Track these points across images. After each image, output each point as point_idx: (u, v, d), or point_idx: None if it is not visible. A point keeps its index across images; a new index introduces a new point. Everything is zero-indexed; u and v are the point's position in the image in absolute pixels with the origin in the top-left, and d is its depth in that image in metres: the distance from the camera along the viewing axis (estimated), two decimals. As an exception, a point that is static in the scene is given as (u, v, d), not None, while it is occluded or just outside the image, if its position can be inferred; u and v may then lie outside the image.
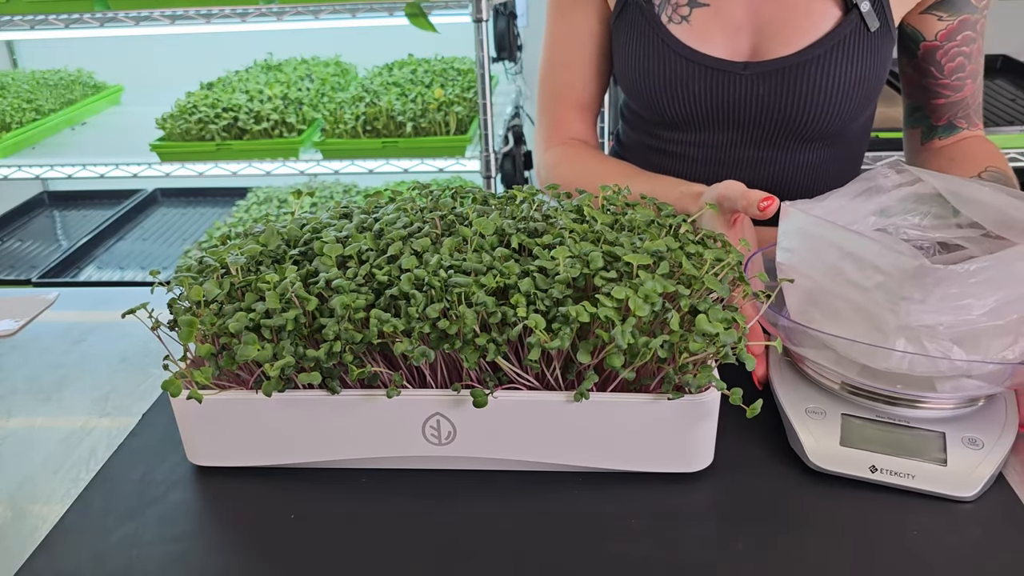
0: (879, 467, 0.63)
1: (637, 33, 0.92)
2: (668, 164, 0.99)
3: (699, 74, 0.90)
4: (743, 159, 0.96)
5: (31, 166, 1.93)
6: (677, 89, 0.91)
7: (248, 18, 1.75)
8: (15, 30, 1.82)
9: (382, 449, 0.65)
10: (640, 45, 0.92)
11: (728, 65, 0.89)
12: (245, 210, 2.26)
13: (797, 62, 0.87)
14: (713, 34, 0.90)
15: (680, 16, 0.90)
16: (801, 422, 0.67)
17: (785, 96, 0.89)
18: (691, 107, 0.92)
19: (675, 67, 0.90)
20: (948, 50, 0.90)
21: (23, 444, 0.75)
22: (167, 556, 0.60)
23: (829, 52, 0.86)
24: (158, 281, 0.69)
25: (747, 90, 0.90)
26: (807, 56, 0.87)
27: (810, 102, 0.89)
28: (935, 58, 0.92)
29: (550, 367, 0.62)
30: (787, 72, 0.88)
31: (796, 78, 0.88)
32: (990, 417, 0.66)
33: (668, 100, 0.92)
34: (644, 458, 0.64)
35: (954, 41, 0.90)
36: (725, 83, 0.90)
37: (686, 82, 0.90)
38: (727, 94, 0.90)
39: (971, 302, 0.61)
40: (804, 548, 0.59)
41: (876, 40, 0.87)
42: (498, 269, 0.62)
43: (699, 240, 0.69)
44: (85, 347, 0.91)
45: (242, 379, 0.65)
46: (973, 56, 0.92)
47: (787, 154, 0.95)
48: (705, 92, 0.91)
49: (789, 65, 0.87)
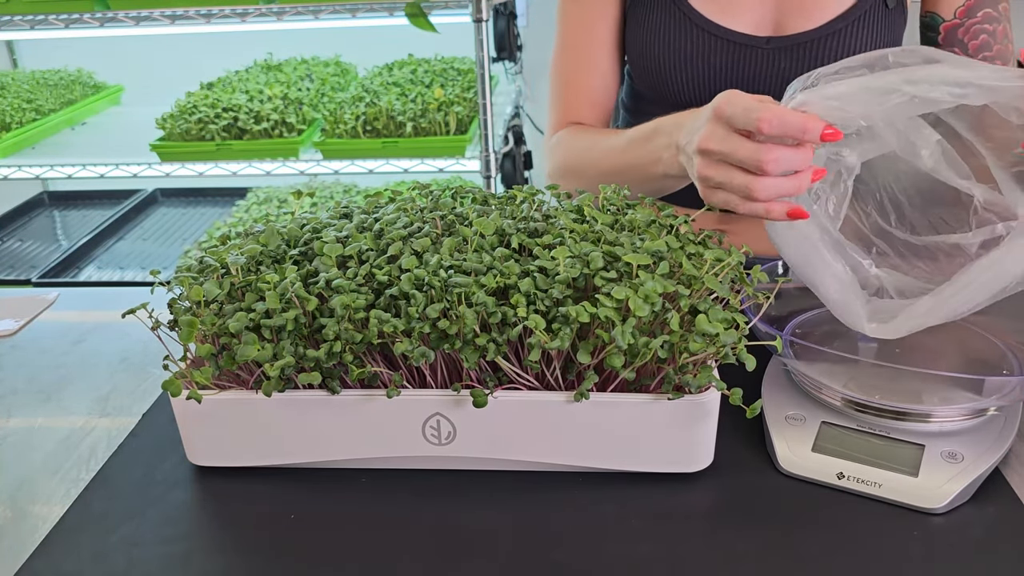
0: (846, 474, 0.63)
1: (657, 7, 0.91)
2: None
3: (722, 48, 0.89)
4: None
5: (31, 166, 1.93)
6: (697, 64, 0.90)
7: (248, 18, 1.74)
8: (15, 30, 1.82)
9: (382, 449, 0.65)
10: (661, 20, 0.90)
11: (751, 40, 0.89)
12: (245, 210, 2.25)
13: (819, 36, 0.87)
14: (735, 7, 0.89)
15: None
16: (778, 427, 0.68)
17: (805, 70, 0.88)
18: (710, 83, 0.91)
19: (698, 41, 0.89)
20: (969, 27, 0.89)
21: (23, 444, 0.75)
22: (167, 556, 0.60)
23: (850, 27, 0.87)
24: (158, 281, 0.69)
25: (769, 65, 0.89)
26: (829, 30, 0.87)
27: None
28: (957, 37, 0.90)
29: (550, 367, 0.62)
30: (809, 46, 0.87)
31: (817, 52, 0.87)
32: (982, 433, 0.66)
33: (686, 77, 0.91)
34: (644, 458, 0.64)
35: (975, 18, 0.89)
36: (748, 58, 0.89)
37: (706, 56, 0.89)
38: (749, 69, 0.90)
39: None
40: (805, 549, 0.59)
41: (893, 17, 0.88)
42: (498, 269, 0.62)
43: (699, 240, 0.69)
44: (85, 347, 0.91)
45: (242, 379, 0.65)
46: (998, 36, 0.89)
47: None
48: (727, 67, 0.90)
49: (811, 39, 0.87)
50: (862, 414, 0.67)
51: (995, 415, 0.67)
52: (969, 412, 0.65)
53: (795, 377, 0.72)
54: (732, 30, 0.89)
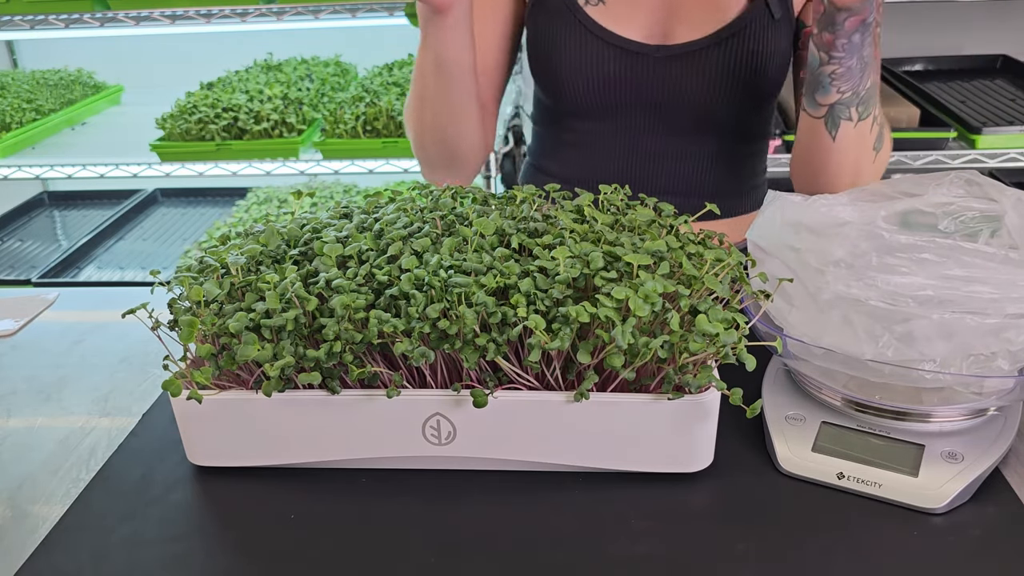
0: (846, 474, 0.63)
1: (553, 14, 0.93)
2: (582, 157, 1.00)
3: (615, 56, 0.92)
4: (656, 150, 0.97)
5: (31, 166, 1.93)
6: (591, 71, 0.93)
7: (248, 18, 1.74)
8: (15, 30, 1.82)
9: (382, 449, 0.65)
10: (555, 26, 0.93)
11: (643, 48, 0.91)
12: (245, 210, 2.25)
13: (706, 45, 0.90)
14: (629, 16, 0.92)
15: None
16: (778, 427, 0.68)
17: (696, 79, 0.91)
18: (607, 90, 0.94)
19: (590, 48, 0.92)
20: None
21: (23, 444, 0.75)
22: (167, 556, 0.60)
23: (736, 36, 0.90)
24: (158, 281, 0.69)
25: (660, 73, 0.92)
26: (716, 40, 0.90)
27: (719, 85, 0.91)
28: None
29: (550, 367, 0.62)
30: (697, 55, 0.90)
31: (705, 61, 0.90)
32: (982, 433, 0.66)
33: (583, 84, 0.94)
34: (644, 458, 0.64)
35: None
36: (639, 65, 0.92)
37: (600, 64, 0.92)
38: (641, 76, 0.92)
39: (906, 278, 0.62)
40: (805, 548, 0.59)
41: (779, 28, 0.91)
42: (498, 269, 0.62)
43: (700, 240, 0.69)
44: (85, 347, 0.91)
45: (242, 379, 0.65)
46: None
47: (699, 147, 0.97)
48: (621, 74, 0.92)
49: (699, 48, 0.90)
50: (862, 414, 0.67)
51: (995, 415, 0.67)
52: (969, 412, 0.65)
53: (795, 377, 0.72)
54: (626, 38, 0.92)
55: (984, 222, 0.68)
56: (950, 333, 0.61)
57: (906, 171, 1.69)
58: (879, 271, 0.63)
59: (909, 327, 0.61)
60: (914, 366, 0.62)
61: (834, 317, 0.65)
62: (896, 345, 0.62)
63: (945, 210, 0.69)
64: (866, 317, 0.63)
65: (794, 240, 0.69)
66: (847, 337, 0.64)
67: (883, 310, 0.62)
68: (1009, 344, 0.61)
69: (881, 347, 0.62)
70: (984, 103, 1.81)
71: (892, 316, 0.62)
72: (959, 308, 0.61)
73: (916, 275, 0.62)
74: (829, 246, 0.66)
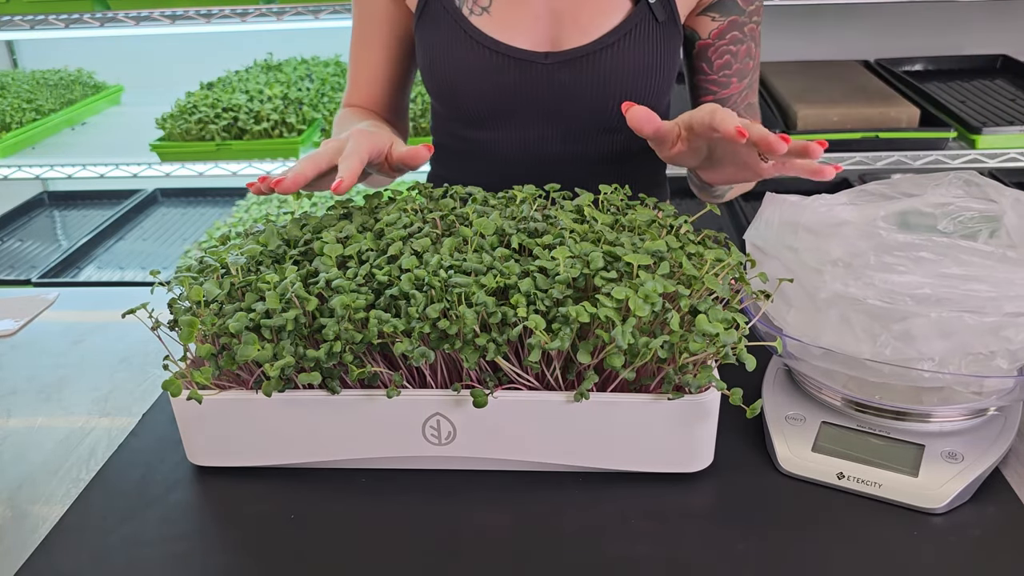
0: (846, 474, 0.63)
1: (441, 28, 0.93)
2: (482, 167, 1.00)
3: (504, 64, 0.92)
4: (554, 155, 0.98)
5: (31, 166, 1.93)
6: (482, 81, 0.93)
7: (248, 18, 1.75)
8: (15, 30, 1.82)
9: (382, 449, 0.65)
10: (442, 38, 0.93)
11: (530, 55, 0.91)
12: (245, 210, 2.25)
13: (594, 50, 0.91)
14: (514, 24, 0.92)
15: (480, 7, 0.92)
16: (778, 427, 0.68)
17: (585, 84, 0.92)
18: (498, 99, 0.94)
19: (478, 58, 0.92)
20: (718, 47, 0.96)
21: (23, 444, 0.75)
22: (167, 556, 0.60)
23: (622, 40, 0.91)
24: (158, 281, 0.69)
25: (550, 80, 0.92)
26: (603, 44, 0.91)
27: (609, 89, 0.92)
28: (706, 55, 0.97)
29: (550, 367, 0.62)
30: (585, 60, 0.91)
31: (593, 65, 0.91)
32: (982, 433, 0.66)
33: (477, 93, 0.94)
34: (644, 458, 0.64)
35: (724, 40, 0.95)
36: (528, 73, 0.92)
37: (490, 73, 0.92)
38: (532, 84, 0.93)
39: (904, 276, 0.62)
40: (805, 548, 0.59)
41: (664, 30, 0.92)
42: (498, 269, 0.62)
43: (699, 240, 0.69)
44: (85, 347, 0.91)
45: (242, 379, 0.65)
46: (740, 56, 0.97)
47: (596, 149, 0.98)
48: (512, 83, 0.93)
49: (587, 53, 0.91)
50: (862, 414, 0.67)
51: (995, 415, 0.67)
52: (969, 412, 0.65)
53: (795, 377, 0.72)
54: (514, 47, 0.92)
55: (983, 222, 0.68)
56: (948, 332, 0.61)
57: (906, 171, 1.69)
58: (877, 270, 0.63)
59: (907, 325, 0.61)
60: (913, 365, 0.62)
61: (832, 316, 0.65)
62: (894, 344, 0.62)
63: (944, 210, 0.69)
64: (864, 316, 0.63)
65: (792, 240, 0.69)
66: (845, 336, 0.64)
67: (881, 309, 0.62)
68: (1008, 343, 0.61)
69: (879, 346, 0.62)
70: (984, 103, 1.81)
71: (890, 314, 0.62)
72: (957, 306, 0.61)
73: (914, 274, 0.62)
74: (827, 246, 0.66)
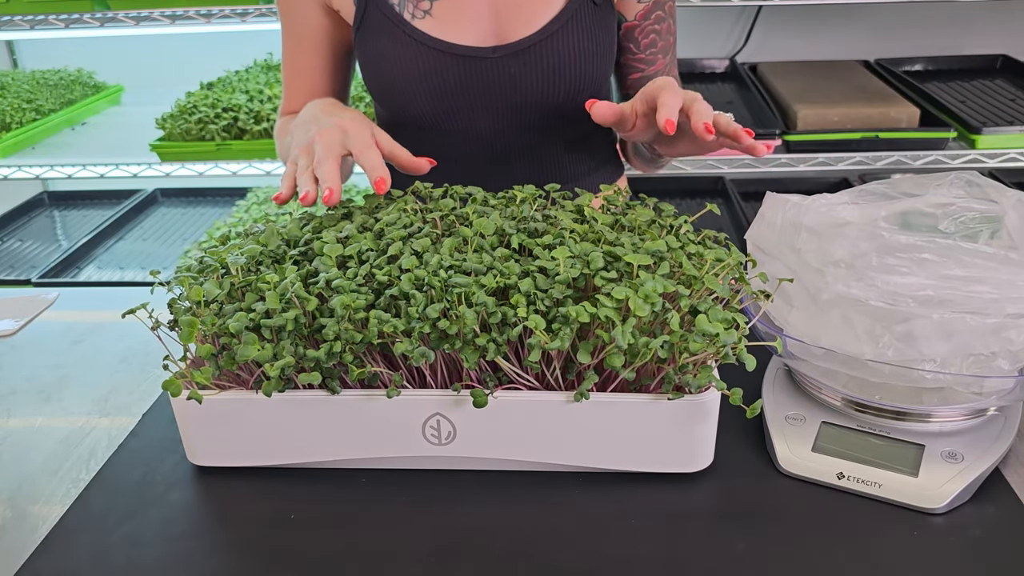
0: (846, 474, 0.63)
1: (383, 35, 0.93)
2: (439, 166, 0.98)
3: (451, 64, 0.92)
4: (511, 148, 0.99)
5: (31, 166, 1.93)
6: (433, 82, 0.93)
7: (248, 18, 1.75)
8: (15, 30, 1.82)
9: (382, 449, 0.65)
10: (388, 46, 0.93)
11: (477, 51, 0.92)
12: (245, 210, 2.25)
13: (539, 39, 0.92)
14: (457, 23, 0.92)
15: (422, 11, 0.92)
16: (778, 427, 0.68)
17: (535, 73, 0.93)
18: (450, 99, 0.94)
19: (427, 60, 0.92)
20: (644, 27, 0.99)
21: (23, 444, 0.75)
22: (167, 556, 0.60)
23: (565, 27, 0.92)
24: (158, 281, 0.69)
25: (500, 73, 0.93)
26: (547, 32, 0.92)
27: (558, 75, 0.93)
28: (633, 35, 1.00)
29: (550, 367, 0.62)
30: (533, 50, 0.92)
31: (541, 54, 0.92)
32: (982, 433, 0.66)
33: (426, 96, 0.94)
34: (644, 458, 0.64)
35: (649, 20, 0.99)
36: (478, 69, 0.93)
37: (440, 73, 0.92)
38: (482, 79, 0.93)
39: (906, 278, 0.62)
40: (805, 549, 0.59)
41: (602, 13, 0.95)
42: (498, 269, 0.62)
43: (699, 240, 0.69)
44: (85, 347, 0.91)
45: (242, 379, 0.65)
46: (663, 34, 1.01)
47: (550, 135, 0.99)
48: (461, 81, 0.93)
49: (533, 43, 0.92)
50: (862, 414, 0.67)
51: (995, 415, 0.67)
52: (969, 412, 0.65)
53: (795, 377, 0.72)
54: (459, 44, 0.92)
55: (984, 223, 0.68)
56: (950, 333, 0.61)
57: (906, 171, 1.69)
58: (879, 271, 0.63)
59: (909, 327, 0.61)
60: (914, 366, 0.62)
61: (834, 317, 0.65)
62: (896, 345, 0.62)
63: (945, 211, 0.69)
64: (866, 317, 0.63)
65: (794, 240, 0.69)
66: (847, 337, 0.64)
67: (883, 310, 0.62)
68: (1009, 344, 0.61)
69: (881, 347, 0.62)
70: (984, 103, 1.81)
71: (892, 316, 0.62)
72: (959, 308, 0.61)
73: (916, 275, 0.62)
74: (829, 246, 0.66)
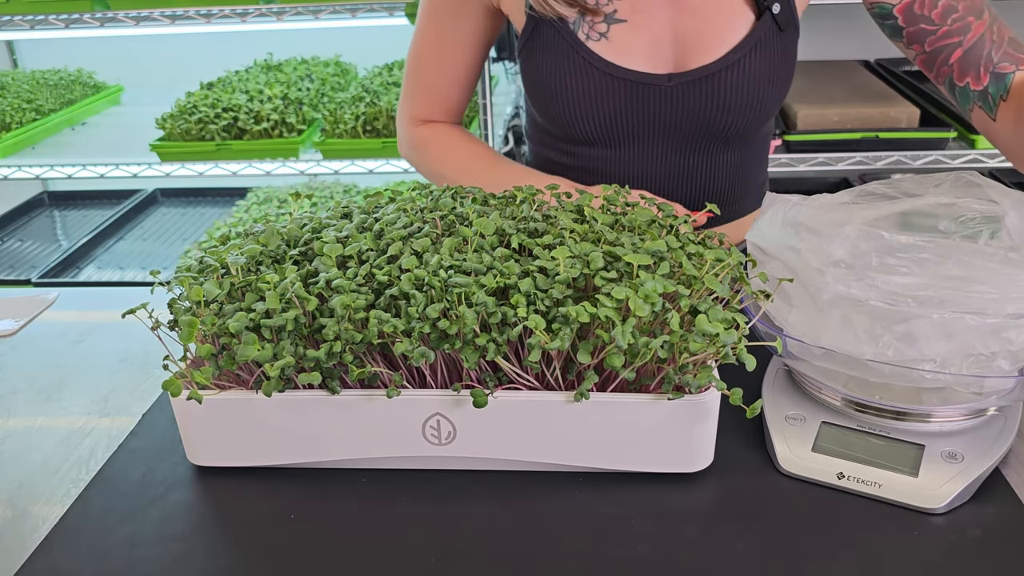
0: (846, 474, 0.63)
1: (554, 52, 0.91)
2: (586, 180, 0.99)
3: (623, 89, 0.90)
4: (665, 170, 0.97)
5: (31, 166, 1.93)
6: (601, 106, 0.91)
7: (248, 18, 1.75)
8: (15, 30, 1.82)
9: (382, 449, 0.65)
10: (558, 64, 0.91)
11: (653, 79, 0.89)
12: (245, 210, 2.25)
13: (719, 68, 0.88)
14: (634, 49, 0.90)
15: (598, 33, 0.89)
16: (778, 427, 0.68)
17: (709, 102, 0.90)
18: (614, 123, 0.92)
19: (599, 84, 0.90)
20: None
21: (23, 444, 0.75)
22: (167, 556, 0.60)
23: (748, 55, 0.88)
24: (158, 281, 0.69)
25: (672, 101, 0.90)
26: (728, 61, 0.88)
27: (733, 104, 0.90)
28: (916, 13, 0.84)
29: (550, 367, 0.62)
30: (711, 80, 0.89)
31: (719, 83, 0.89)
32: (982, 433, 0.66)
33: (592, 118, 0.92)
34: (644, 458, 0.64)
35: None
36: (650, 96, 0.90)
37: (610, 98, 0.90)
38: (652, 107, 0.91)
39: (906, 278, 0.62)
40: (805, 549, 0.59)
41: (786, 39, 0.90)
42: (498, 269, 0.62)
43: (699, 240, 0.69)
44: (85, 347, 0.91)
45: (242, 379, 0.65)
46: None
47: (707, 159, 0.96)
48: (629, 107, 0.91)
49: (712, 72, 0.89)
50: (862, 414, 0.67)
51: (995, 415, 0.67)
52: (969, 412, 0.65)
53: (795, 377, 0.72)
54: (633, 70, 0.89)
55: (984, 223, 0.68)
56: (950, 333, 0.61)
57: (906, 171, 1.69)
58: (879, 271, 0.63)
59: (909, 327, 0.61)
60: (914, 366, 0.62)
61: (834, 317, 0.65)
62: (896, 345, 0.62)
63: (946, 211, 0.69)
64: (866, 317, 0.63)
65: (794, 240, 0.69)
66: (847, 337, 0.64)
67: (883, 310, 0.62)
68: (1009, 344, 0.61)
69: (881, 347, 0.62)
70: (984, 103, 1.80)
71: (892, 316, 0.62)
72: (959, 308, 0.61)
73: (916, 275, 0.62)
74: (829, 246, 0.66)
